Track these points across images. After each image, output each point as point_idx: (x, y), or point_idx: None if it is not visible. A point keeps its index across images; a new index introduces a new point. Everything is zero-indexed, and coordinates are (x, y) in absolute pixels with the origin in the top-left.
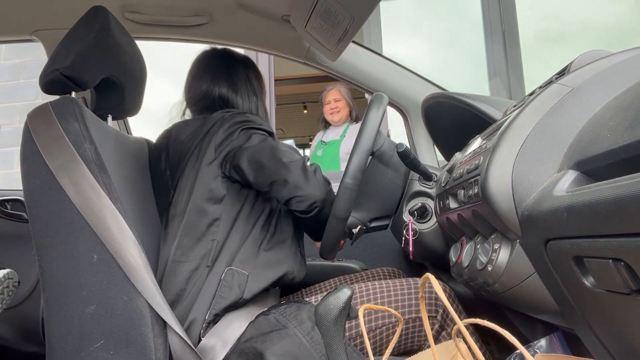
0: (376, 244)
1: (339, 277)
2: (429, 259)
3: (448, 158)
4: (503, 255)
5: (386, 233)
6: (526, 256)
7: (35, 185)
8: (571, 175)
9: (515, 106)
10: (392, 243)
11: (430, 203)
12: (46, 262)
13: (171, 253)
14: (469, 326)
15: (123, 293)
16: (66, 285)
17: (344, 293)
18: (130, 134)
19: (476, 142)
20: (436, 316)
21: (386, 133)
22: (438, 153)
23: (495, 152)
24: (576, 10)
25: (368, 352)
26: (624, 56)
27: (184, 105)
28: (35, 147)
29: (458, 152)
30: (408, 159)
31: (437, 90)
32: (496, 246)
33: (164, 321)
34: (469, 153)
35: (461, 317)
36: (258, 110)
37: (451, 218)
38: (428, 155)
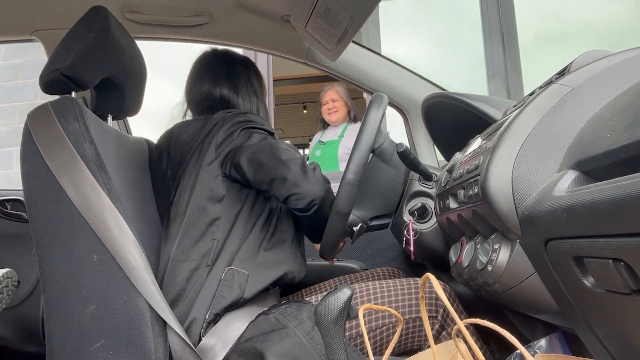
0: (376, 244)
1: (339, 277)
2: (429, 259)
3: (448, 158)
4: (503, 255)
5: (386, 233)
6: (526, 256)
7: (35, 185)
8: (571, 175)
9: (515, 106)
10: (392, 243)
11: (430, 203)
12: (46, 262)
13: (172, 252)
14: (469, 326)
15: (123, 293)
16: (66, 285)
17: (344, 293)
18: (130, 134)
19: (476, 142)
20: (436, 316)
21: (385, 133)
22: (438, 153)
23: (495, 152)
24: (577, 10)
25: (368, 352)
26: (624, 56)
27: (185, 106)
28: (35, 147)
29: (458, 152)
30: (408, 159)
31: (437, 90)
32: (496, 246)
33: (164, 321)
34: (469, 153)
35: (461, 317)
36: (259, 110)
37: (451, 218)
38: (428, 155)
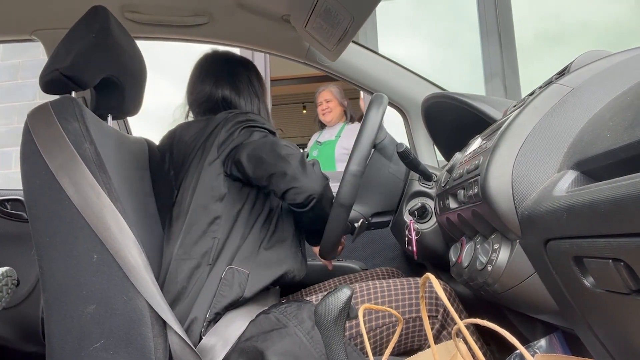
0: (376, 244)
1: (339, 277)
2: (429, 259)
3: (448, 158)
4: (503, 255)
5: (386, 233)
6: (526, 256)
7: (35, 185)
8: (571, 175)
9: (515, 106)
10: (392, 243)
11: (430, 203)
12: (46, 262)
13: (174, 252)
14: (469, 326)
15: (123, 293)
16: (66, 285)
17: (344, 293)
18: (130, 134)
19: (476, 142)
20: (437, 315)
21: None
22: (438, 153)
23: (495, 152)
24: (576, 10)
25: (368, 353)
26: (624, 56)
27: (187, 107)
28: (35, 147)
29: (458, 152)
30: (408, 159)
31: (437, 90)
32: (496, 246)
33: (164, 321)
34: (469, 153)
35: (461, 317)
36: (260, 111)
37: (451, 218)
38: (428, 155)
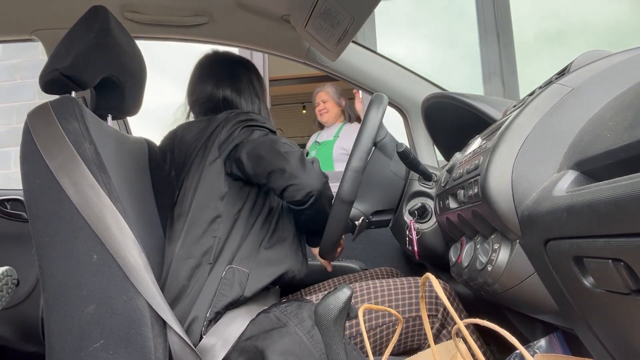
0: (376, 244)
1: (338, 277)
2: (429, 259)
3: (448, 158)
4: (503, 255)
5: (386, 233)
6: (526, 256)
7: (35, 184)
8: (571, 175)
9: (515, 106)
10: (392, 243)
11: (430, 203)
12: (46, 262)
13: (176, 251)
14: (469, 325)
15: (123, 293)
16: (66, 285)
17: (344, 293)
18: (130, 134)
19: (476, 142)
20: (437, 314)
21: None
22: (438, 153)
23: (495, 152)
24: (576, 10)
25: (368, 352)
26: (624, 56)
27: (188, 108)
28: (35, 147)
29: (458, 152)
30: (408, 159)
31: (437, 90)
32: (496, 246)
33: (164, 321)
34: (469, 153)
35: (461, 316)
36: (261, 111)
37: (451, 218)
38: (428, 155)
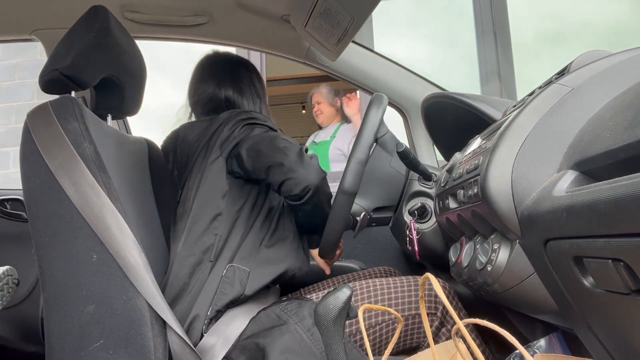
0: (376, 244)
1: (337, 277)
2: (429, 259)
3: (448, 158)
4: (502, 255)
5: (386, 233)
6: (526, 256)
7: (34, 184)
8: (571, 175)
9: (514, 106)
10: (392, 242)
11: (429, 203)
12: (46, 262)
13: (178, 250)
14: (469, 325)
15: (122, 292)
16: (66, 284)
17: (344, 293)
18: (130, 134)
19: (476, 142)
20: (436, 313)
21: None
22: (438, 153)
23: (495, 152)
24: (576, 10)
25: (368, 352)
26: (624, 56)
27: (190, 108)
28: (34, 147)
29: (458, 152)
30: (407, 159)
31: (437, 90)
32: (496, 246)
33: (164, 321)
34: (469, 153)
35: (461, 315)
36: (262, 111)
37: (451, 218)
38: (428, 155)
